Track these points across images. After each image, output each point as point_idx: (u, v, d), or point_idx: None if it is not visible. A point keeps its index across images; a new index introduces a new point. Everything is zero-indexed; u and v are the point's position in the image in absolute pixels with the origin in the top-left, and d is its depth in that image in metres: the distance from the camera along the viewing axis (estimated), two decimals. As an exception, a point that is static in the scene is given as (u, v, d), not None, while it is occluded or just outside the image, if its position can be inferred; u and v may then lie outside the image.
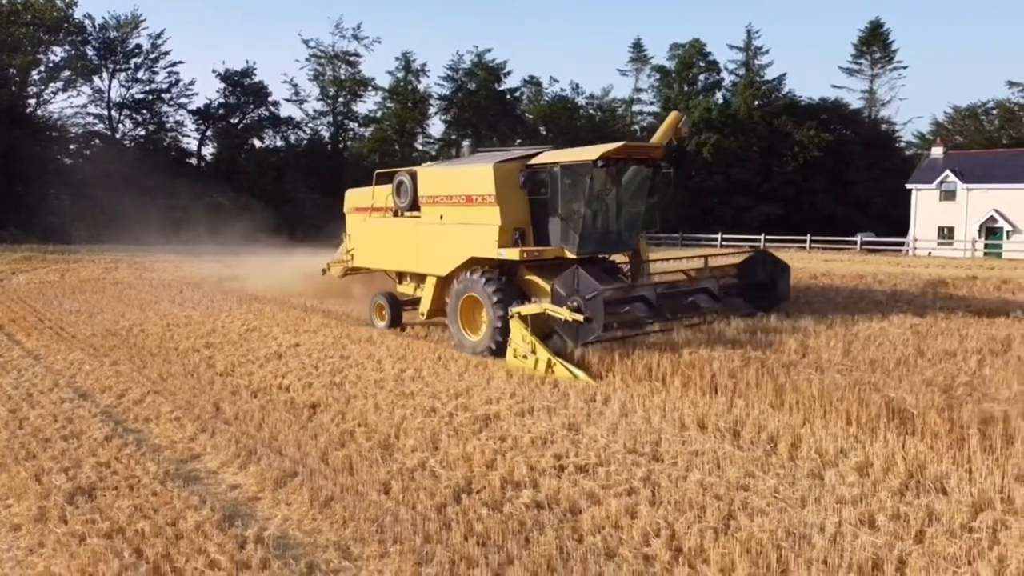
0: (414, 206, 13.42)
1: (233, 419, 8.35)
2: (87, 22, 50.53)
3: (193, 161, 55.23)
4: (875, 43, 63.56)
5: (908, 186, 44.85)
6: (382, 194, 14.43)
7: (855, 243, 38.45)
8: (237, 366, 10.94)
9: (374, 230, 14.67)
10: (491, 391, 9.24)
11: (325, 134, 57.76)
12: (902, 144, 68.11)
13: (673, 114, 13.26)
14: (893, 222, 50.12)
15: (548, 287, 10.84)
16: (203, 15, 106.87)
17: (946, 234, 43.38)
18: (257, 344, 12.53)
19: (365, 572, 5.03)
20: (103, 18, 55.55)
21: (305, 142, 56.77)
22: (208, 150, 56.66)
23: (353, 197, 15.81)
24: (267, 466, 6.81)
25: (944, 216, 43.38)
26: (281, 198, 46.32)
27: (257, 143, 55.41)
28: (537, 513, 5.76)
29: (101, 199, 39.15)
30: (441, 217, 12.69)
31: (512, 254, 11.33)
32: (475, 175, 12.08)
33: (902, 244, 38.67)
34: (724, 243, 40.47)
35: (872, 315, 12.10)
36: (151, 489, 6.35)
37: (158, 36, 53.50)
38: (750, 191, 54.75)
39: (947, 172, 43.04)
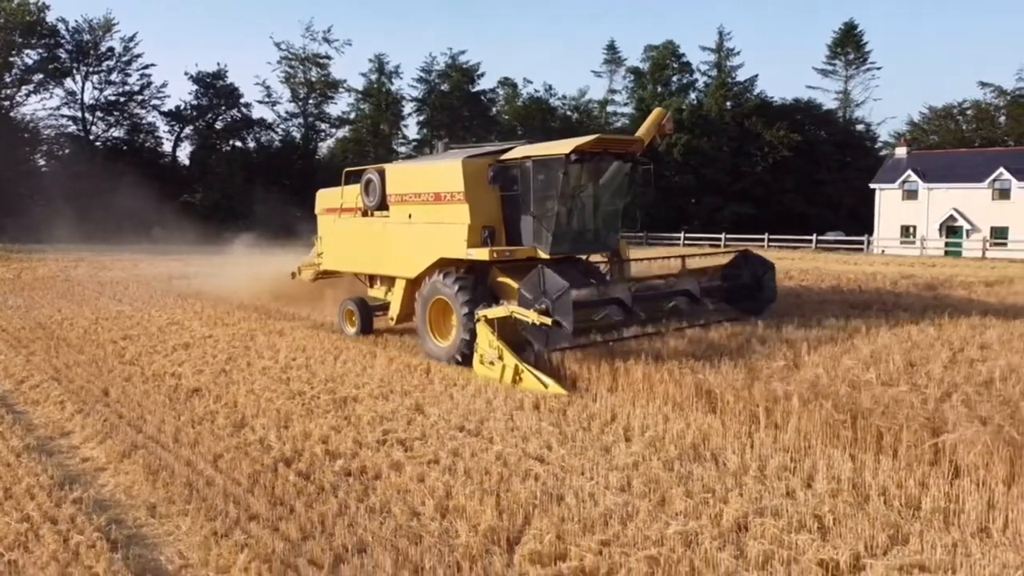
0: (383, 205, 12.89)
1: (114, 402, 9.00)
2: (60, 25, 51.38)
3: (165, 162, 55.89)
4: (849, 44, 64.43)
5: (872, 185, 45.66)
6: (351, 194, 13.90)
7: (811, 242, 39.18)
8: (143, 355, 11.59)
9: (343, 231, 14.05)
10: (364, 377, 9.93)
11: (296, 135, 58.52)
12: (879, 144, 69.08)
13: (657, 110, 12.61)
14: (865, 221, 50.91)
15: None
16: (175, 18, 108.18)
17: (912, 233, 44.20)
18: (172, 336, 13.19)
19: (163, 528, 5.68)
20: (76, 21, 56.24)
21: (277, 143, 57.52)
22: (181, 151, 57.51)
23: (324, 197, 15.24)
24: (120, 441, 7.46)
25: (907, 215, 44.20)
26: (251, 199, 46.97)
27: (228, 144, 56.05)
28: (342, 479, 6.42)
29: (73, 199, 39.78)
30: (410, 216, 12.17)
31: (482, 254, 10.72)
32: (444, 171, 11.55)
33: (860, 242, 39.42)
34: (687, 242, 41.26)
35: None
36: (5, 460, 6.99)
37: (130, 39, 54.48)
38: (721, 191, 55.57)
39: (909, 172, 43.85)
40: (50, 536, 5.35)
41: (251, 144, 56.34)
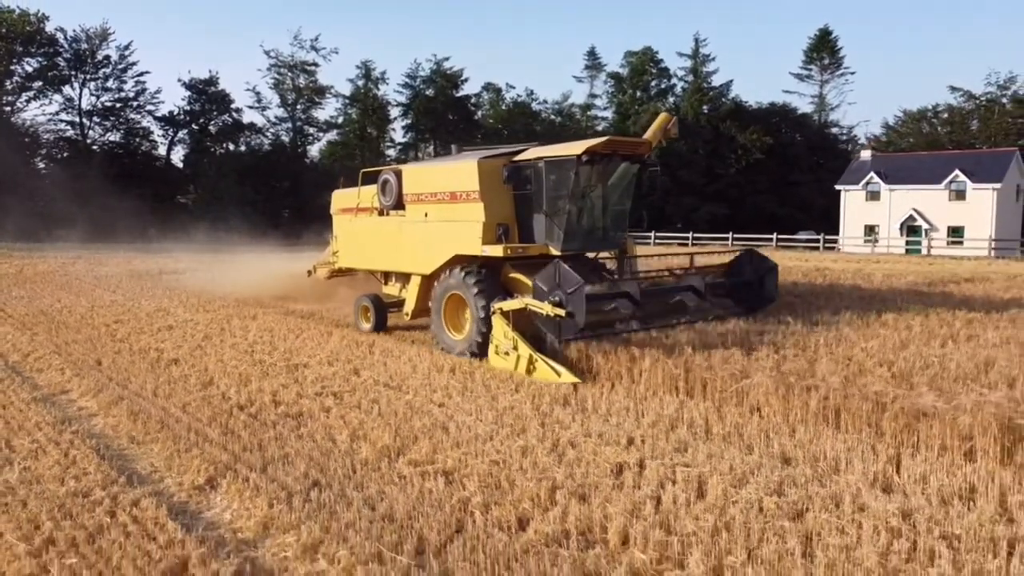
0: (399, 204, 13.31)
1: (106, 369, 10.81)
2: (59, 35, 53.55)
3: (159, 165, 57.95)
4: (824, 50, 66.39)
5: (837, 187, 47.57)
6: (368, 194, 14.33)
7: (772, 240, 41.11)
8: (132, 335, 13.40)
9: (360, 230, 14.53)
10: (317, 350, 11.76)
11: (286, 139, 60.57)
12: (859, 146, 71.05)
13: (663, 115, 12.82)
14: (836, 222, 52.95)
15: (532, 284, 10.62)
16: (169, 27, 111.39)
17: (876, 232, 46.14)
18: (158, 320, 15.00)
19: (140, 450, 7.47)
20: (74, 31, 58.24)
21: (267, 147, 59.57)
22: (174, 154, 59.73)
23: (339, 198, 15.68)
24: (110, 394, 9.27)
25: (870, 215, 46.12)
26: (241, 200, 48.90)
27: (220, 148, 58.11)
28: (282, 418, 8.23)
29: (71, 201, 41.62)
30: (426, 215, 12.61)
31: (496, 251, 11.16)
32: (460, 171, 11.98)
33: (817, 241, 41.36)
34: (658, 242, 43.15)
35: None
36: (18, 408, 8.80)
37: (126, 47, 56.86)
38: (697, 192, 57.53)
39: (872, 174, 45.77)
40: (54, 451, 7.17)
41: (242, 148, 58.66)
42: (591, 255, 12.70)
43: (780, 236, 41.57)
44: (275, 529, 5.53)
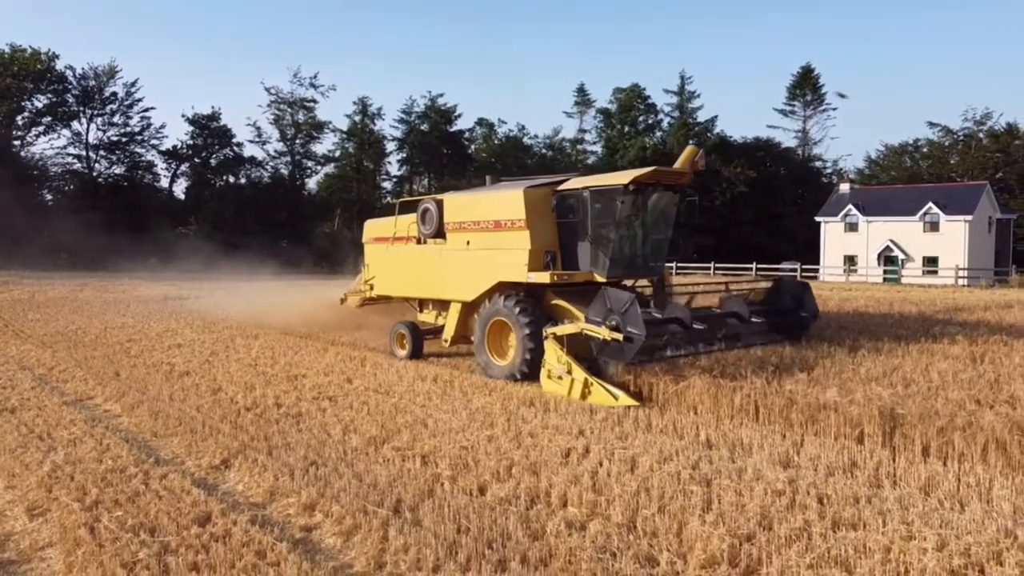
0: (439, 233, 13.46)
1: (124, 379, 12.05)
2: (68, 72, 55.65)
3: (162, 197, 59.75)
4: (806, 86, 68.73)
5: (817, 219, 49.27)
6: (404, 223, 14.57)
7: (751, 270, 42.61)
8: (145, 351, 14.66)
9: (396, 258, 14.71)
10: (314, 363, 13.03)
11: (284, 172, 62.49)
12: (842, 178, 73.19)
13: (689, 148, 13.10)
14: (819, 252, 54.63)
15: (575, 310, 10.97)
16: (175, 64, 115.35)
17: (855, 262, 47.72)
18: (168, 339, 16.27)
19: (162, 443, 8.71)
20: (82, 69, 60.39)
21: (266, 179, 61.51)
22: (177, 187, 61.70)
23: (373, 227, 15.94)
24: (131, 399, 10.51)
25: (849, 246, 47.74)
26: (241, 230, 50.48)
27: (221, 180, 59.95)
28: (283, 417, 9.48)
29: (77, 231, 43.09)
30: (468, 243, 12.77)
31: (542, 277, 11.34)
32: (505, 200, 12.20)
33: (794, 270, 42.89)
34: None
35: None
36: (52, 409, 10.04)
37: (132, 84, 59.12)
38: (682, 223, 59.14)
39: (850, 206, 47.49)
40: (90, 441, 8.42)
41: (242, 180, 60.76)
42: (629, 282, 12.87)
43: (760, 266, 43.23)
44: (279, 495, 6.76)
